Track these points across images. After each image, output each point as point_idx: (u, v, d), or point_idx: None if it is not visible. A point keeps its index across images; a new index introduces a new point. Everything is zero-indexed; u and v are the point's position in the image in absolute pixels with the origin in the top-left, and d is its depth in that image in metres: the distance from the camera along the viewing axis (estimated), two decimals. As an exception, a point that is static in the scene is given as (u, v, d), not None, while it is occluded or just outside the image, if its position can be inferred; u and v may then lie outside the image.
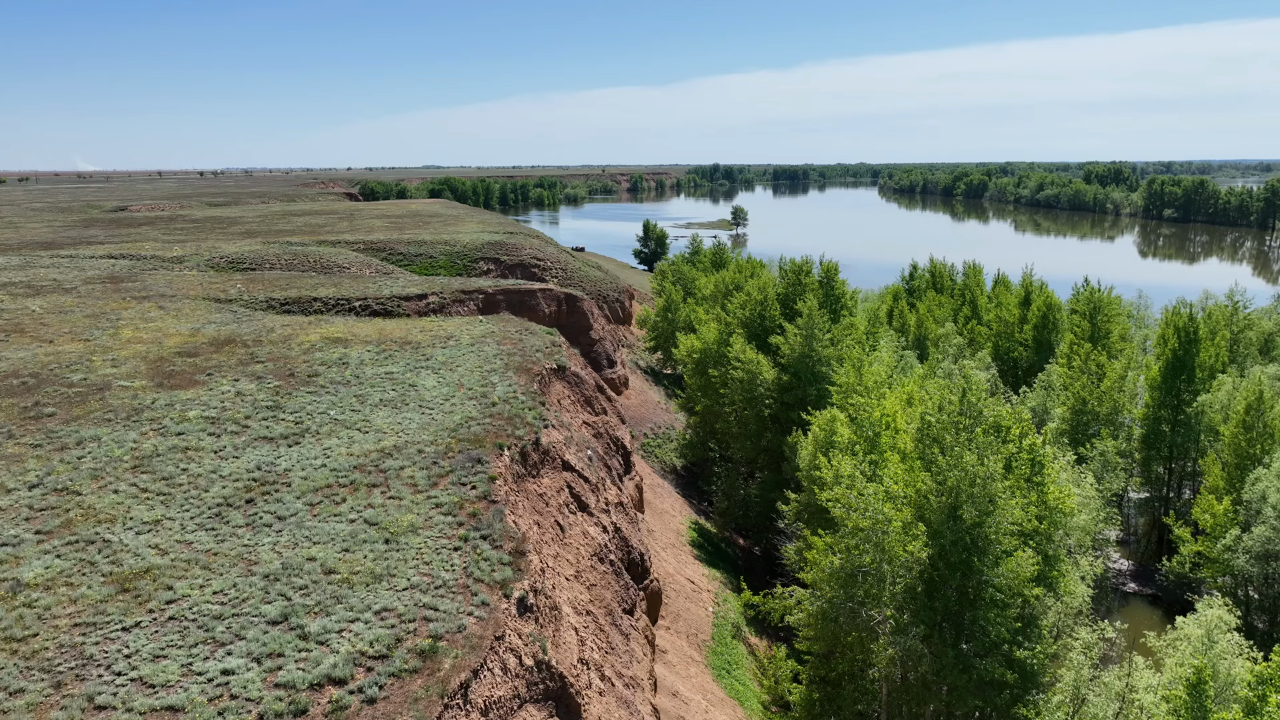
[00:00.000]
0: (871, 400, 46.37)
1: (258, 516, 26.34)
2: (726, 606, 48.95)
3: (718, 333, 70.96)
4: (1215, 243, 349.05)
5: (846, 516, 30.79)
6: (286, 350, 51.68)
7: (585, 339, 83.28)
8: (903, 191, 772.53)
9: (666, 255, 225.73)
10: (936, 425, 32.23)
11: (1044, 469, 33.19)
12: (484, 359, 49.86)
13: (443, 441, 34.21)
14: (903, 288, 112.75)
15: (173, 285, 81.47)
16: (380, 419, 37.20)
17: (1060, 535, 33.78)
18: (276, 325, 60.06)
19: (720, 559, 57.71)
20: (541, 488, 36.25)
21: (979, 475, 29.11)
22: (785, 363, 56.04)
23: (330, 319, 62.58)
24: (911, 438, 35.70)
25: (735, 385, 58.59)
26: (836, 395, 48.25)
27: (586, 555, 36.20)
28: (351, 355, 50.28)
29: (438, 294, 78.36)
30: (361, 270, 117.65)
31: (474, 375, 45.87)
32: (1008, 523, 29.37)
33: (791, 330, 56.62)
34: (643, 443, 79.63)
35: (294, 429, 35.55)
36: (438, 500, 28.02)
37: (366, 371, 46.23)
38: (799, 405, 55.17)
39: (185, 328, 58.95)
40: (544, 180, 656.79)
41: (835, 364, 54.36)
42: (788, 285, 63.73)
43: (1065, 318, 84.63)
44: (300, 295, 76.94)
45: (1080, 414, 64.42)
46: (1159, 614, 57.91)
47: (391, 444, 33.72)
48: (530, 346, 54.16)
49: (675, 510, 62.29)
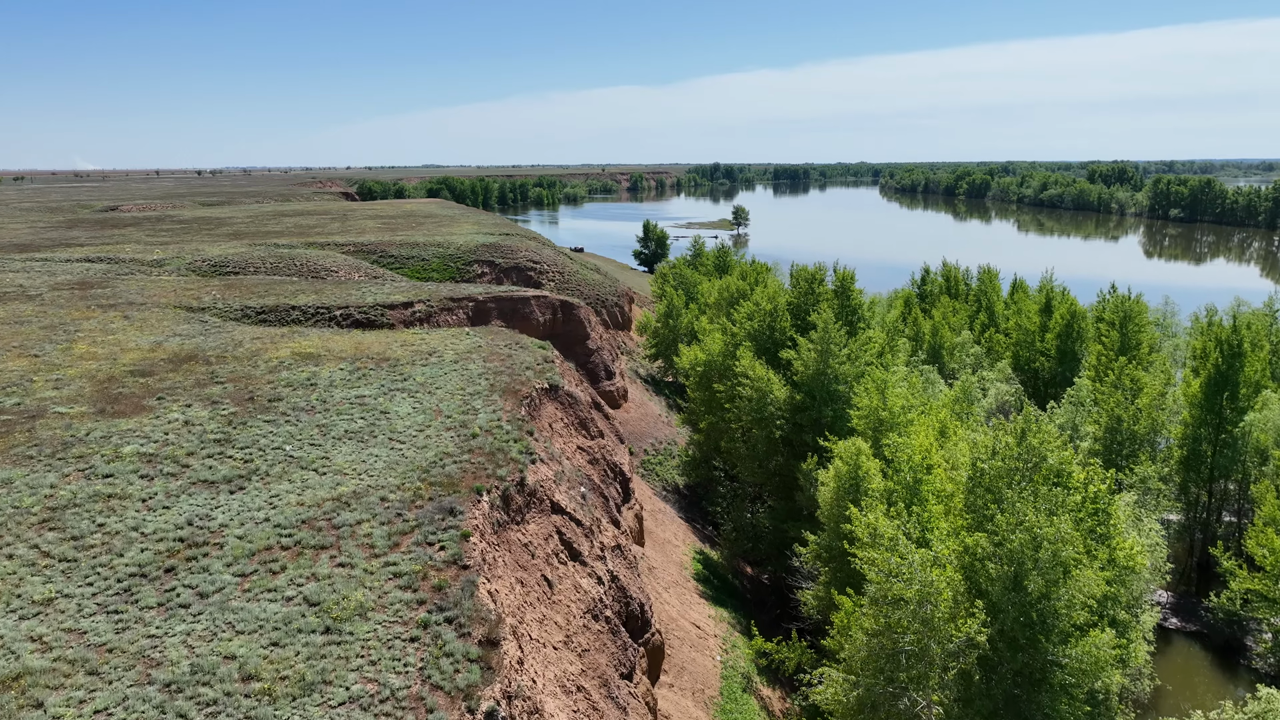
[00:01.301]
0: (899, 425, 41.76)
1: (174, 594, 21.66)
2: (735, 654, 44.30)
3: (723, 344, 66.23)
4: (1223, 243, 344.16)
5: (885, 583, 26.16)
6: (251, 368, 47.00)
7: (582, 348, 78.61)
8: (904, 191, 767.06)
9: (667, 256, 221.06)
10: (991, 473, 27.54)
11: (1110, 518, 28.49)
12: (467, 379, 45.18)
13: (411, 486, 29.53)
14: (914, 292, 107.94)
15: (145, 292, 76.81)
16: (342, 456, 32.51)
17: (1127, 595, 29.19)
18: (246, 338, 55.40)
19: (727, 594, 53.06)
20: (527, 536, 31.59)
21: (1048, 537, 24.43)
22: (798, 380, 51.30)
23: (305, 331, 57.90)
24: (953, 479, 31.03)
25: (743, 404, 53.89)
26: (857, 420, 43.59)
27: (579, 613, 31.54)
28: (322, 374, 45.60)
29: (424, 301, 73.66)
30: (350, 274, 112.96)
31: (454, 399, 41.16)
32: (1082, 595, 24.75)
33: (805, 345, 51.86)
34: (643, 459, 74.98)
35: (240, 469, 30.85)
36: (397, 568, 23.34)
37: (335, 395, 41.51)
38: (814, 428, 50.47)
39: (146, 341, 54.27)
40: (543, 180, 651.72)
41: (854, 382, 49.67)
42: (799, 295, 58.89)
43: (1090, 326, 79.94)
44: (278, 303, 72.25)
45: (1114, 433, 59.74)
46: (1208, 655, 53.26)
47: (350, 490, 29.03)
48: (519, 363, 49.51)
49: (678, 538, 57.62)
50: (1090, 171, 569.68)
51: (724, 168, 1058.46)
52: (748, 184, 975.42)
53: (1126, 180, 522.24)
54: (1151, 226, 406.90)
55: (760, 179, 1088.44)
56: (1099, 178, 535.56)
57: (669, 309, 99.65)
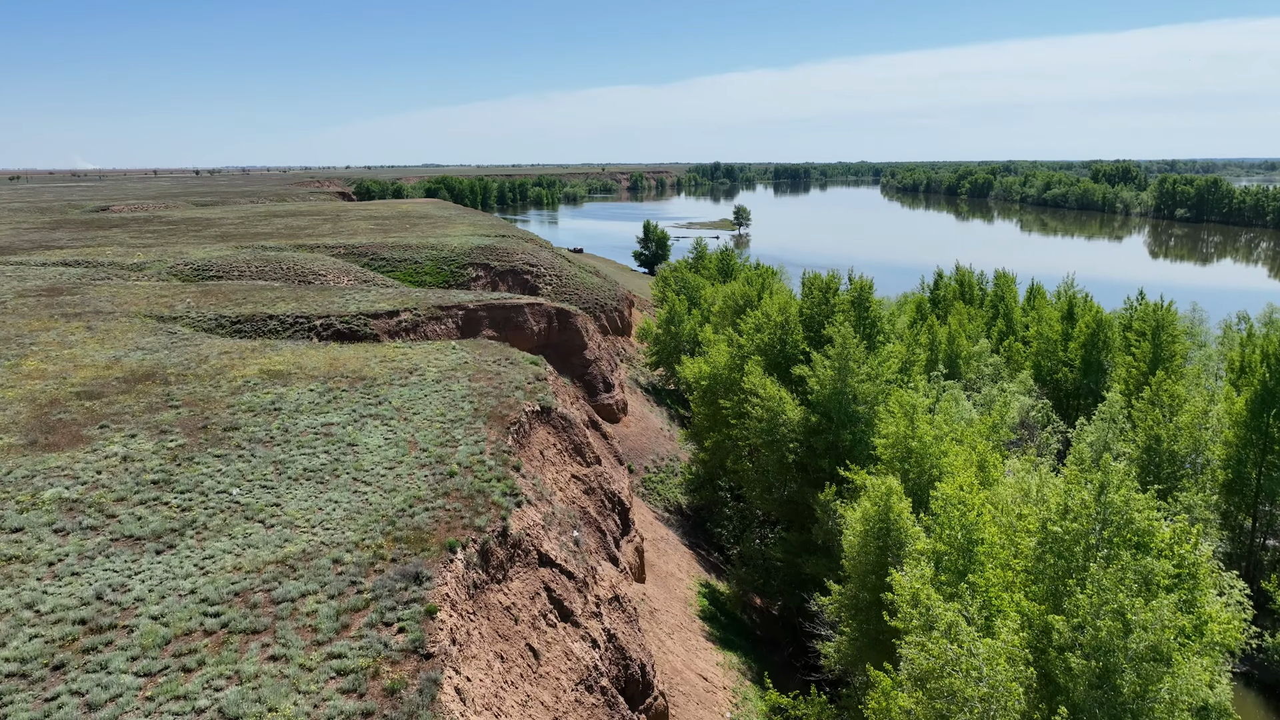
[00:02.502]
0: (931, 456, 37.35)
1: (54, 705, 17.23)
2: (747, 707, 39.91)
3: (729, 356, 61.79)
4: (1230, 243, 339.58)
5: (940, 672, 21.79)
6: (212, 389, 42.59)
7: (579, 359, 74.22)
8: (906, 190, 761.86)
9: (668, 258, 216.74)
10: (1068, 539, 23.07)
11: (1199, 583, 23.98)
12: (450, 401, 40.76)
13: (372, 542, 25.13)
14: (926, 297, 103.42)
15: (115, 299, 72.38)
16: (296, 503, 28.09)
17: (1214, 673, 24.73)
18: (213, 353, 51.01)
19: (736, 632, 48.67)
20: (509, 597, 27.19)
21: (1144, 623, 20.01)
22: (813, 400, 46.87)
23: (278, 345, 53.49)
24: (1007, 535, 26.59)
25: (752, 424, 49.46)
26: (882, 448, 39.14)
27: (570, 686, 27.14)
28: (289, 397, 41.18)
29: (411, 310, 69.20)
30: (339, 279, 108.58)
31: (433, 428, 36.73)
32: (1188, 695, 20.33)
33: (820, 361, 47.38)
34: (643, 477, 70.59)
35: (175, 521, 26.44)
36: (342, 663, 18.94)
37: (300, 423, 37.08)
38: (831, 452, 46.07)
39: (104, 356, 49.89)
40: (543, 179, 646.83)
41: (875, 403, 45.25)
42: (812, 305, 54.35)
43: (1117, 335, 75.53)
44: (255, 312, 67.85)
45: (1153, 453, 55.32)
46: (1264, 702, 48.91)
47: (300, 549, 24.63)
48: (509, 381, 45.09)
49: (682, 569, 53.20)
50: (1094, 171, 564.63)
51: (724, 167, 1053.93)
52: (748, 183, 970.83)
53: (1131, 180, 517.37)
54: (1157, 226, 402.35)
55: (761, 178, 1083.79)
56: (1103, 177, 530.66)
57: (671, 315, 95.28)
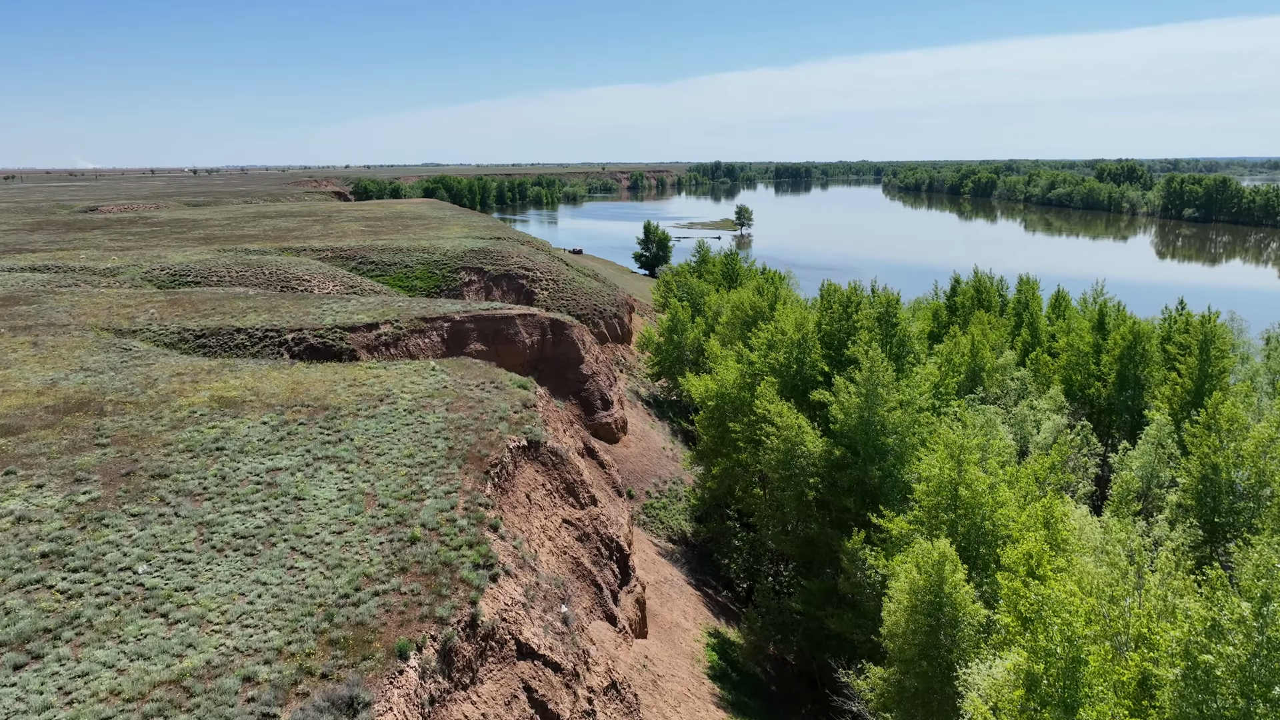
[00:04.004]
0: (985, 508, 31.90)
1: None
2: (766, 794, 34.38)
3: (739, 374, 56.27)
4: (1240, 243, 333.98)
5: None
6: (152, 422, 37.09)
7: (574, 375, 68.72)
8: (908, 190, 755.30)
9: (669, 260, 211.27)
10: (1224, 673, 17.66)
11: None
12: (421, 438, 35.26)
13: (301, 647, 19.65)
14: (943, 304, 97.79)
15: (74, 310, 66.96)
16: (213, 585, 22.60)
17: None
18: (165, 375, 45.50)
19: (750, 692, 43.18)
20: (479, 706, 21.71)
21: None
22: (837, 430, 41.40)
23: (238, 365, 47.99)
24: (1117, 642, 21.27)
25: (768, 456, 43.96)
26: (923, 494, 33.62)
27: (554, 818, 21.67)
28: (237, 432, 35.67)
29: (392, 322, 63.66)
30: (324, 284, 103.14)
31: (398, 474, 31.23)
32: None
33: (843, 386, 41.86)
34: (645, 504, 65.11)
35: (52, 616, 20.96)
36: None
37: (242, 467, 31.56)
38: (857, 489, 40.59)
39: (41, 379, 44.40)
40: (542, 179, 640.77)
41: (909, 432, 39.74)
42: (833, 321, 48.72)
43: (1155, 348, 69.97)
44: (222, 325, 62.40)
45: (1210, 484, 49.84)
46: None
47: (204, 659, 19.14)
48: (492, 410, 39.55)
49: (688, 617, 47.70)
50: (1099, 170, 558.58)
51: (725, 166, 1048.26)
52: (749, 183, 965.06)
53: (1136, 179, 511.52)
54: (1165, 226, 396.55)
55: (761, 178, 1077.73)
56: (1108, 176, 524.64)
57: (673, 323, 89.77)
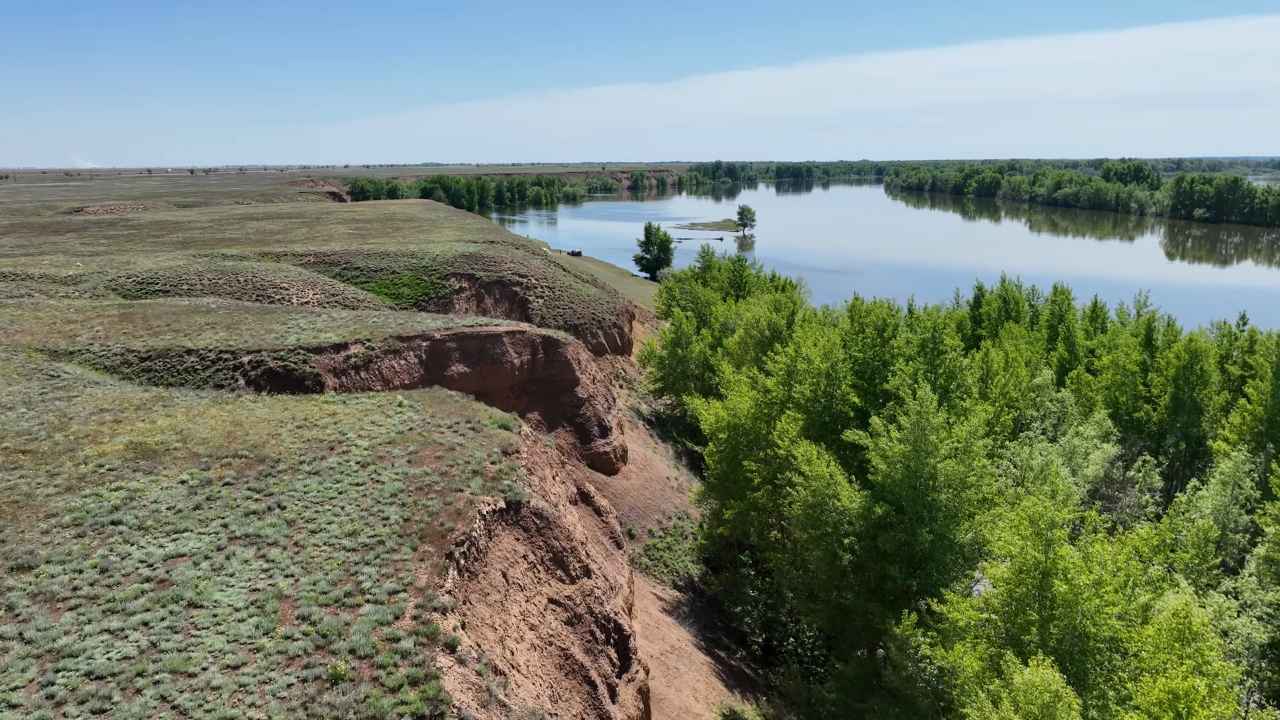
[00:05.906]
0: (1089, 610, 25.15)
1: None
2: None
3: (754, 403, 49.42)
4: (1253, 244, 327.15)
5: None
6: (44, 481, 30.25)
7: (569, 398, 61.84)
8: (910, 189, 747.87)
9: (670, 262, 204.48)
10: None
11: None
12: (371, 505, 28.45)
13: None
14: (967, 314, 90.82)
15: (11, 327, 60.24)
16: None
17: None
18: (84, 412, 38.67)
19: (772, 792, 36.40)
20: None
21: None
22: (878, 483, 34.53)
23: (175, 398, 41.14)
24: None
25: (794, 511, 37.09)
26: (997, 580, 26.73)
27: None
28: (146, 495, 28.85)
29: (363, 342, 56.79)
30: (303, 292, 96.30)
31: (332, 565, 24.42)
32: None
33: (881, 429, 34.94)
34: (646, 544, 58.29)
35: None
36: None
37: (134, 554, 24.74)
38: (904, 554, 33.77)
39: (-66, 418, 37.57)
40: (542, 178, 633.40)
41: (965, 485, 32.90)
42: (865, 349, 41.58)
43: (1213, 367, 63.12)
44: (171, 345, 55.59)
45: (1300, 535, 43.03)
46: None
47: None
48: (464, 461, 32.71)
49: (699, 697, 40.88)
50: (1105, 170, 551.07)
51: (726, 166, 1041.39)
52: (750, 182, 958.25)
53: (1143, 179, 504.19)
54: (1174, 227, 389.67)
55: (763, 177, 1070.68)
56: (1114, 176, 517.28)
57: (677, 335, 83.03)
